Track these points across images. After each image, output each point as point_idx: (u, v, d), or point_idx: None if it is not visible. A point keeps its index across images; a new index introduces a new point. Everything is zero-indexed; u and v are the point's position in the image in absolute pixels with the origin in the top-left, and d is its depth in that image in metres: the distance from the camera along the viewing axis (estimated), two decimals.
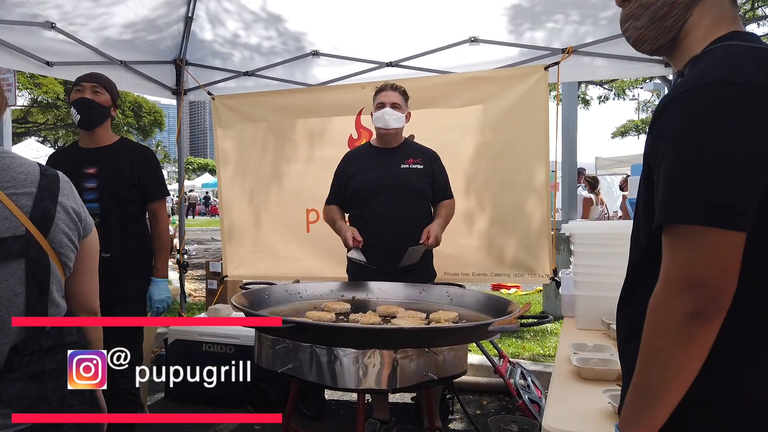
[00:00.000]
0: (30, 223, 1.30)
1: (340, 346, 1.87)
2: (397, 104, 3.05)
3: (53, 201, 1.37)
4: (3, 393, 1.25)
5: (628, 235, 2.49)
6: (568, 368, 1.91)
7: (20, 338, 1.29)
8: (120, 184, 2.67)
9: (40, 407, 1.30)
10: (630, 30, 1.13)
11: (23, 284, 1.30)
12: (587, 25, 3.60)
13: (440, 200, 3.17)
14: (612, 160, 13.16)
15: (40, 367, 1.32)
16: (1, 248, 1.26)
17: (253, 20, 4.03)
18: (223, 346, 3.69)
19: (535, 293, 7.71)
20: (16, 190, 1.31)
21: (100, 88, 2.64)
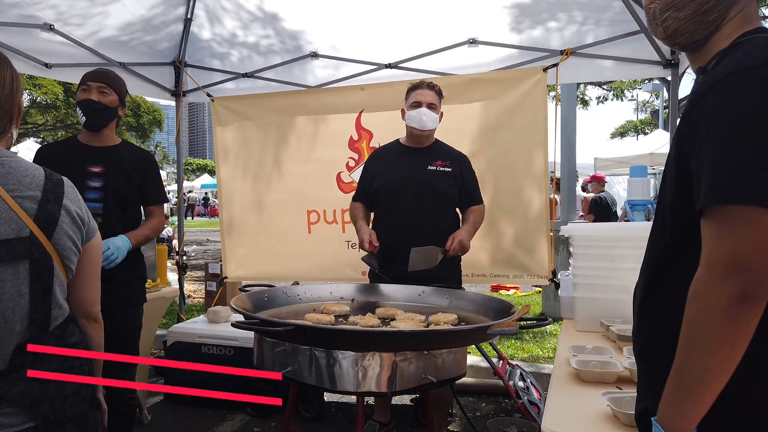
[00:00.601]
0: (35, 226, 1.33)
1: (340, 348, 1.86)
2: (433, 104, 2.95)
3: (58, 204, 1.39)
4: (8, 392, 1.28)
5: (627, 237, 2.51)
6: (567, 370, 1.90)
7: (24, 338, 1.32)
8: (125, 186, 2.63)
9: (43, 406, 1.32)
10: (670, 20, 1.09)
11: (27, 285, 1.33)
12: (588, 24, 3.60)
13: (469, 205, 3.07)
14: (611, 160, 13.11)
15: (44, 367, 1.34)
16: (7, 249, 1.29)
17: (250, 20, 4.03)
18: (222, 348, 3.69)
19: (534, 294, 7.72)
20: (22, 192, 1.33)
21: (107, 89, 2.55)
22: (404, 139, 3.13)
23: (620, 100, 25.08)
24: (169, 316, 5.65)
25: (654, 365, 1.08)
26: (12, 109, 1.41)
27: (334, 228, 4.19)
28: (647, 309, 1.12)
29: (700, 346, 0.92)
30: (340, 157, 4.15)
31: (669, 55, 3.52)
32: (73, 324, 1.46)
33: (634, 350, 1.21)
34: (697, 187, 0.94)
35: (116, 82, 2.61)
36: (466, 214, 3.07)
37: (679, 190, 1.01)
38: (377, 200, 3.06)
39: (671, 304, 1.00)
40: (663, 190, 1.10)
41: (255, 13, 3.96)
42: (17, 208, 1.31)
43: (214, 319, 3.90)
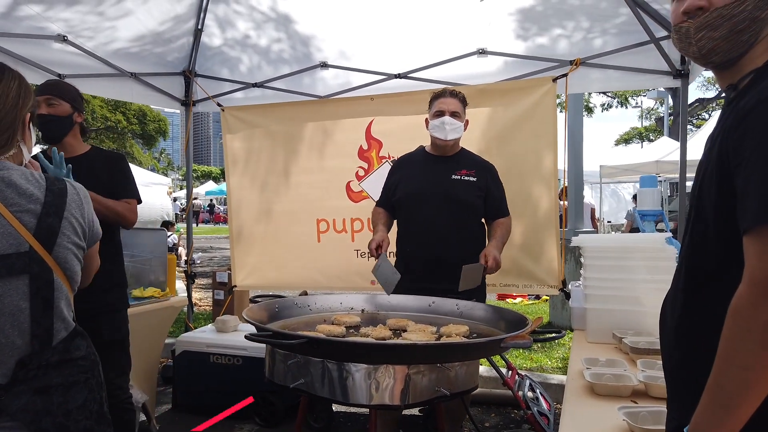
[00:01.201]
0: (34, 240, 1.32)
1: (353, 361, 1.86)
2: (457, 113, 2.87)
3: (58, 217, 1.38)
4: (9, 406, 1.27)
5: (638, 249, 2.49)
6: (580, 383, 1.89)
7: (27, 353, 1.32)
8: (100, 193, 2.51)
9: (45, 421, 1.31)
10: (704, 40, 1.09)
11: (27, 300, 1.32)
12: (594, 32, 3.61)
13: (495, 217, 2.99)
14: (617, 168, 13.08)
15: (46, 381, 1.33)
16: (5, 264, 1.29)
17: (263, 20, 4.04)
18: (231, 358, 3.69)
19: (541, 303, 7.69)
20: (21, 207, 1.33)
21: (55, 99, 2.48)
22: (429, 147, 3.07)
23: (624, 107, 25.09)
24: (177, 324, 5.65)
25: (691, 382, 1.06)
26: (15, 122, 1.40)
27: (343, 237, 4.20)
28: (685, 324, 1.12)
29: (738, 362, 0.92)
30: (350, 167, 4.16)
31: (679, 65, 3.52)
32: (79, 338, 1.45)
33: (667, 366, 1.19)
34: (743, 204, 0.95)
35: (64, 90, 2.55)
36: (492, 227, 2.98)
37: (723, 203, 1.01)
38: (400, 208, 3.01)
39: (712, 321, 1.00)
40: (702, 203, 1.08)
41: (268, 14, 3.97)
42: (16, 222, 1.31)
43: (222, 328, 3.90)
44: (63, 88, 2.56)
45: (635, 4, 3.24)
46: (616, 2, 3.31)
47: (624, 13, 3.37)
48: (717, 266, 1.04)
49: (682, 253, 1.16)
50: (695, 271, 1.10)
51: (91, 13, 3.45)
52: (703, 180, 1.08)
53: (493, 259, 2.75)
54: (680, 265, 1.16)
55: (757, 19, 1.05)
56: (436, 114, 2.91)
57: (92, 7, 3.41)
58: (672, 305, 1.18)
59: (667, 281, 2.36)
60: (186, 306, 4.45)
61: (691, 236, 1.11)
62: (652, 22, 3.34)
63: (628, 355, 2.19)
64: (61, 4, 3.31)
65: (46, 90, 2.51)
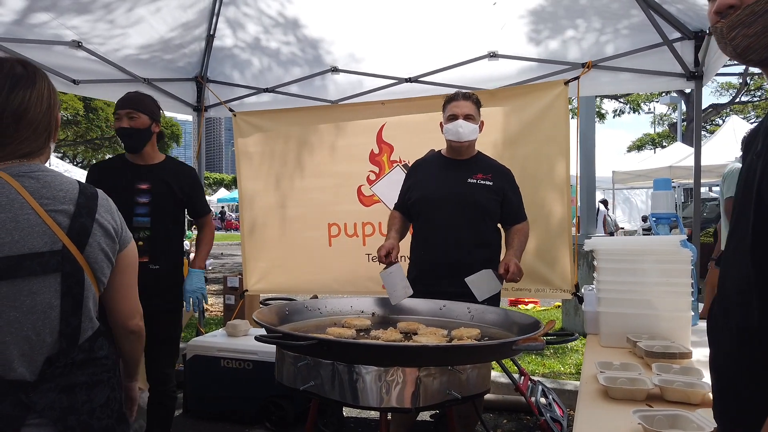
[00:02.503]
0: (67, 239, 1.35)
1: (363, 363, 1.84)
2: (471, 115, 2.85)
3: (90, 218, 1.40)
4: (37, 403, 1.29)
5: (652, 251, 2.46)
6: (594, 387, 1.86)
7: (55, 351, 1.33)
8: (171, 201, 2.83)
9: (70, 419, 1.33)
10: (739, 38, 1.04)
11: (59, 297, 1.34)
12: (607, 34, 3.59)
13: (512, 223, 2.96)
14: (629, 174, 13.00)
15: (72, 379, 1.35)
16: (39, 262, 1.31)
17: (272, 25, 4.06)
18: (242, 362, 3.68)
19: (553, 309, 7.63)
20: (55, 206, 1.35)
21: (134, 113, 2.71)
22: (444, 150, 3.05)
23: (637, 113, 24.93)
24: (189, 329, 5.67)
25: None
26: (50, 124, 1.43)
27: (354, 241, 4.19)
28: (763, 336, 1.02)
29: None
30: (361, 171, 4.16)
31: (693, 67, 3.48)
32: (102, 338, 1.46)
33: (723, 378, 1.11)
34: None
35: (143, 104, 2.76)
36: (510, 234, 2.95)
37: None
38: (415, 212, 2.98)
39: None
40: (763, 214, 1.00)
41: (276, 19, 3.99)
42: (50, 221, 1.33)
43: (233, 332, 3.90)
44: (143, 101, 2.78)
45: (647, 5, 3.22)
46: (628, 2, 3.29)
47: (636, 14, 3.34)
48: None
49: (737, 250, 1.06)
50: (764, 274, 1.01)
51: (102, 20, 3.48)
52: (760, 179, 0.98)
53: (515, 266, 2.71)
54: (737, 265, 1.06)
55: None
56: (449, 118, 2.89)
57: (103, 15, 3.44)
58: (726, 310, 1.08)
59: (682, 284, 2.36)
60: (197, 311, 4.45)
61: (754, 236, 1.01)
62: (665, 23, 3.31)
63: (643, 359, 2.15)
64: (72, 11, 3.35)
65: (127, 104, 2.75)
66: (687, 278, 2.37)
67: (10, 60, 1.42)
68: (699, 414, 1.47)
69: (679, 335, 2.32)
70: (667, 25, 3.32)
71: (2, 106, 1.34)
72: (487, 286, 2.70)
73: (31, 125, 1.38)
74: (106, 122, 20.02)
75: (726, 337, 1.08)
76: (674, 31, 3.37)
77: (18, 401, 1.28)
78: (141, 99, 2.79)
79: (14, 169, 1.35)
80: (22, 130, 1.37)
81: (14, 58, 1.45)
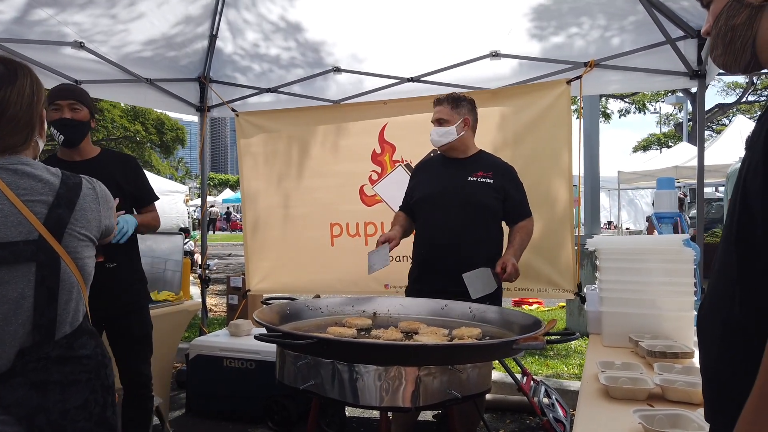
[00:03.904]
0: (44, 228, 1.35)
1: (363, 362, 1.84)
2: (442, 119, 2.90)
3: (69, 209, 1.41)
4: (4, 398, 1.27)
5: (655, 251, 2.44)
6: (595, 387, 1.85)
7: (28, 343, 1.32)
8: (116, 194, 2.53)
9: (39, 418, 1.29)
10: (715, 59, 1.16)
11: (32, 288, 1.33)
12: (611, 31, 3.57)
13: (515, 220, 2.96)
14: (635, 174, 12.94)
15: (45, 376, 1.32)
16: (12, 251, 1.31)
17: (272, 30, 4.06)
18: (244, 362, 3.69)
19: (557, 309, 7.60)
20: (32, 197, 1.36)
21: (77, 105, 2.57)
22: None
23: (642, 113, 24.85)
24: (192, 329, 5.68)
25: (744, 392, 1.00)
26: (32, 120, 1.44)
27: (356, 241, 4.19)
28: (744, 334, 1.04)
29: None
30: (363, 171, 4.16)
31: (695, 66, 3.47)
32: (87, 336, 1.44)
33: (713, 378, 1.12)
34: None
35: (84, 96, 2.64)
36: (512, 232, 2.95)
37: None
38: (418, 211, 3.00)
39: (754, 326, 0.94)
40: (747, 194, 1.02)
41: (277, 23, 3.99)
42: (26, 211, 1.34)
43: (235, 332, 3.91)
44: (83, 94, 2.66)
45: (650, 4, 3.20)
46: (631, 1, 3.27)
47: (639, 13, 3.33)
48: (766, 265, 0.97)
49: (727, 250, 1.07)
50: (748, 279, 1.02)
51: (104, 15, 3.48)
52: (746, 172, 1.01)
53: (511, 265, 2.71)
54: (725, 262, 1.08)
55: (735, 26, 1.07)
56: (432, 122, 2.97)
57: (105, 10, 3.44)
58: (714, 308, 1.10)
59: (685, 283, 2.34)
60: (200, 310, 4.46)
61: (738, 233, 1.04)
62: (668, 22, 3.30)
63: (645, 358, 2.14)
64: (74, 6, 3.35)
65: (70, 95, 2.59)
66: (690, 278, 2.35)
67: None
68: (700, 414, 1.46)
69: (682, 335, 2.31)
70: (670, 23, 3.31)
71: None
72: (482, 284, 2.70)
73: (11, 121, 1.39)
74: (112, 123, 20.08)
75: (714, 336, 1.09)
76: (677, 30, 3.35)
77: None
78: (82, 91, 2.66)
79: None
80: (2, 125, 1.39)
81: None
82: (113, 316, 2.65)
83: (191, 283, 7.35)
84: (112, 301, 2.59)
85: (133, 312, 2.74)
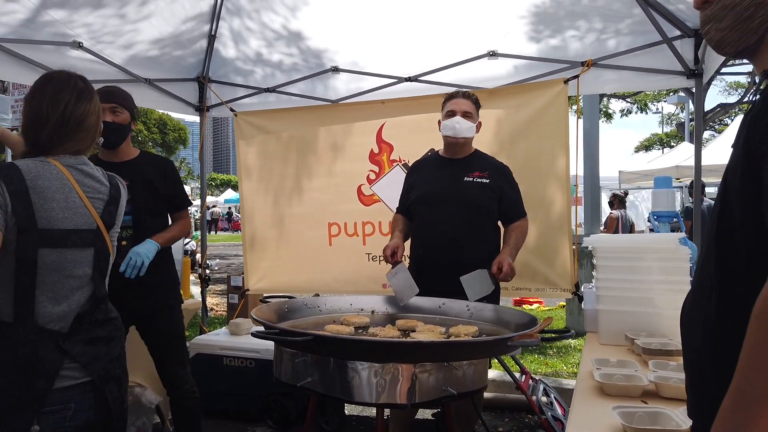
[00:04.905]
0: (100, 222, 1.71)
1: (359, 359, 1.85)
2: (469, 113, 2.88)
3: (116, 206, 1.78)
4: (72, 350, 1.63)
5: (651, 249, 2.46)
6: (590, 384, 1.87)
7: (83, 310, 1.66)
8: (151, 196, 2.71)
9: (96, 365, 1.66)
10: (712, 32, 1.08)
11: (91, 267, 1.69)
12: (608, 33, 3.58)
13: (511, 220, 2.97)
14: (636, 174, 12.92)
15: (95, 333, 1.69)
16: (81, 236, 1.66)
17: (274, 38, 4.09)
18: (244, 360, 3.70)
19: (558, 309, 7.62)
20: (93, 195, 1.72)
21: (119, 108, 2.62)
22: (442, 150, 3.07)
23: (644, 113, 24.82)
24: (192, 328, 5.70)
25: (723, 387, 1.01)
26: (97, 129, 1.79)
27: (354, 241, 4.20)
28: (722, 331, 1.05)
29: (763, 368, 0.87)
30: (361, 170, 4.18)
31: (692, 65, 3.47)
32: (110, 302, 1.79)
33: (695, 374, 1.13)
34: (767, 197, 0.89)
35: (125, 99, 2.68)
36: (507, 232, 2.96)
37: (748, 194, 0.95)
38: (413, 212, 3.01)
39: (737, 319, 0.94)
40: (728, 194, 1.03)
41: (279, 32, 4.01)
42: (90, 206, 1.69)
43: (235, 331, 3.92)
44: (124, 96, 2.70)
45: (647, 4, 3.21)
46: (628, 2, 3.29)
47: (636, 14, 3.34)
48: (746, 263, 0.98)
49: (704, 256, 1.09)
50: (727, 275, 1.04)
51: (104, 18, 3.49)
52: (728, 169, 1.02)
53: (507, 265, 2.72)
54: (704, 269, 1.09)
55: (763, 3, 0.99)
56: (447, 114, 2.91)
57: (106, 12, 3.46)
58: (696, 304, 1.11)
59: (681, 282, 2.35)
60: (200, 309, 4.48)
61: (717, 240, 1.05)
62: (665, 21, 3.30)
63: (641, 356, 2.15)
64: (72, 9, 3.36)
65: (111, 98, 2.63)
66: (686, 276, 2.37)
67: (74, 76, 1.77)
68: (681, 412, 1.47)
69: (677, 333, 2.32)
70: (667, 23, 3.32)
71: (69, 114, 1.69)
72: (480, 286, 2.71)
73: (86, 130, 1.74)
74: None
75: (696, 331, 1.10)
76: (674, 29, 3.36)
77: (57, 347, 1.59)
78: (124, 94, 2.70)
79: (65, 160, 1.69)
80: (80, 133, 1.72)
81: (75, 74, 1.80)
82: (142, 317, 2.70)
83: (192, 283, 7.39)
84: (143, 302, 2.65)
85: (161, 312, 2.75)
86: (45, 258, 1.58)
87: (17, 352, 1.55)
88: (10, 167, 1.59)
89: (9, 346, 1.55)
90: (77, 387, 1.62)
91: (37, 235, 1.56)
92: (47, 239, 1.58)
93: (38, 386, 1.54)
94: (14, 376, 1.54)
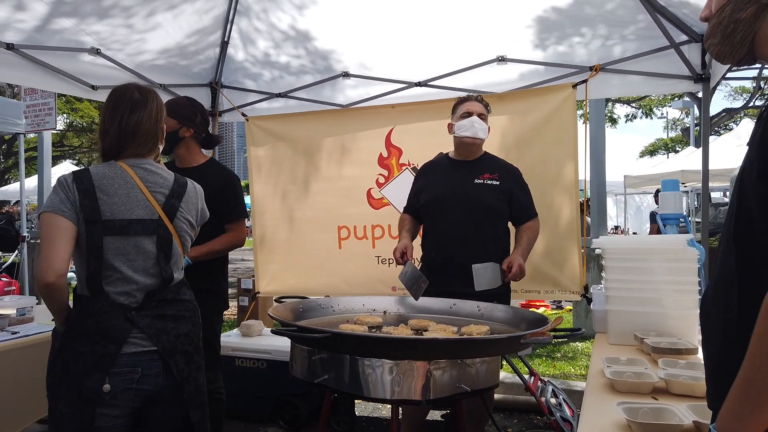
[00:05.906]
0: (162, 212, 1.91)
1: (375, 356, 1.90)
2: (483, 115, 2.94)
3: (179, 199, 1.97)
4: (140, 322, 1.84)
5: (659, 250, 2.49)
6: (601, 381, 1.90)
7: (153, 288, 1.88)
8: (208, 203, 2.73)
9: (162, 337, 1.86)
10: (711, 47, 1.16)
11: (155, 252, 1.89)
12: (613, 39, 3.62)
13: (522, 221, 3.00)
14: (641, 178, 12.90)
15: (163, 311, 1.89)
16: (143, 225, 1.88)
17: (282, 39, 4.14)
18: (256, 362, 3.75)
19: (564, 312, 7.63)
20: (156, 189, 1.93)
21: None
22: (452, 153, 3.10)
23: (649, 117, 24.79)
24: None
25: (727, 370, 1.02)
26: (157, 134, 1.98)
27: (364, 244, 4.25)
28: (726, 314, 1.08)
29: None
30: (370, 174, 4.22)
31: (699, 70, 3.51)
32: (185, 287, 2.01)
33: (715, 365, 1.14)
34: None
35: (171, 108, 2.69)
36: (519, 233, 2.98)
37: (764, 189, 0.98)
38: (424, 214, 3.04)
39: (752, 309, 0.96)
40: (744, 190, 1.05)
41: (287, 32, 4.07)
42: (152, 199, 1.90)
43: (247, 332, 3.97)
44: (171, 106, 2.72)
45: (654, 9, 3.26)
46: (635, 8, 3.33)
47: (643, 18, 3.38)
48: (766, 257, 1.00)
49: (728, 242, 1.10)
50: (750, 268, 1.06)
51: (121, 26, 3.57)
52: (744, 167, 1.05)
53: (518, 266, 2.75)
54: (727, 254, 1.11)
55: (740, 20, 1.06)
56: (463, 115, 2.94)
57: (122, 21, 3.53)
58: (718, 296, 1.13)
59: (689, 283, 2.39)
60: None
61: (736, 226, 1.08)
62: (672, 26, 3.35)
63: (650, 355, 2.18)
64: (92, 17, 3.44)
65: None
66: (693, 276, 2.40)
67: (130, 87, 1.96)
68: (686, 408, 1.50)
69: (686, 333, 2.35)
70: (674, 28, 3.36)
71: (125, 125, 1.90)
72: (488, 278, 2.76)
73: (143, 136, 1.93)
74: None
75: (716, 326, 1.13)
76: (681, 34, 3.40)
77: (127, 318, 1.82)
78: (171, 104, 2.77)
79: (131, 161, 1.92)
80: (137, 140, 1.93)
81: (133, 84, 1.99)
82: None
83: None
84: None
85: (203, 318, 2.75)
86: (109, 244, 1.83)
87: (93, 319, 1.80)
88: (83, 171, 1.88)
89: (87, 314, 1.82)
90: (144, 354, 1.82)
91: (102, 225, 1.82)
92: (110, 228, 1.83)
93: (109, 350, 1.77)
94: (90, 341, 1.77)
